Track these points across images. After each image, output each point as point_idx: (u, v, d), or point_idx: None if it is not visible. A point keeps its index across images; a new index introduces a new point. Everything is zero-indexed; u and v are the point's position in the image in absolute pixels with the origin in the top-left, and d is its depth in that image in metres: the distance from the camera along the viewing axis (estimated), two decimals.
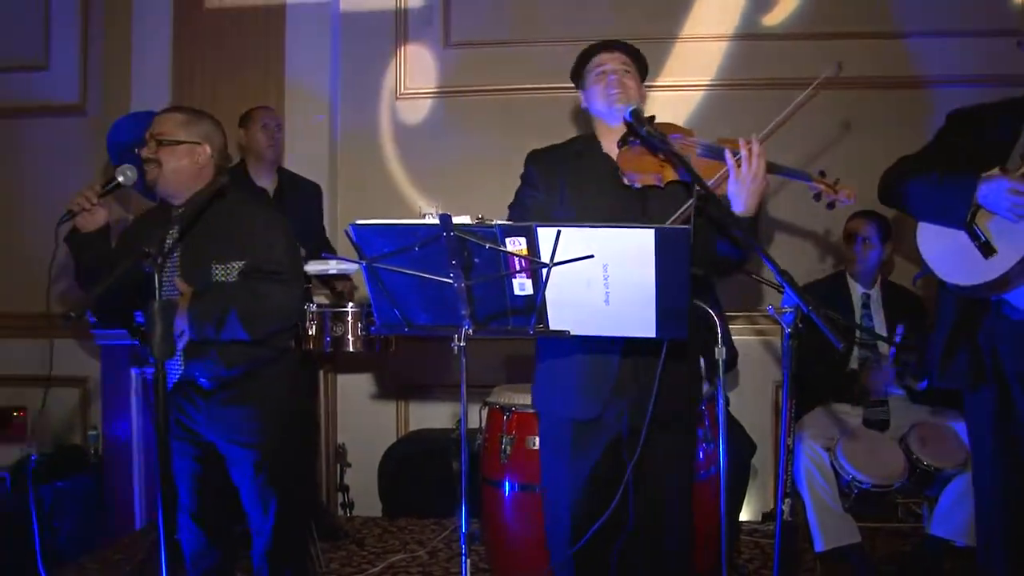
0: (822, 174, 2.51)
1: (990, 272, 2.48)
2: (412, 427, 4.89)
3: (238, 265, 2.65)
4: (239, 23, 4.83)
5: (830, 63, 2.42)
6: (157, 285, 2.17)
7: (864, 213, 3.82)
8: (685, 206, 2.40)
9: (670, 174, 2.46)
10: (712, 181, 2.39)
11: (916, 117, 4.49)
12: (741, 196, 2.33)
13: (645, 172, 2.46)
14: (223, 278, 2.65)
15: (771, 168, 2.39)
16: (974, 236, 2.52)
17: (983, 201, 2.48)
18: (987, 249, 2.49)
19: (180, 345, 2.55)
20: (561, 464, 2.57)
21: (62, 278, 3.72)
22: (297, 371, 3.03)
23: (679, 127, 2.59)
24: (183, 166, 2.69)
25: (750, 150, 2.31)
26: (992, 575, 2.68)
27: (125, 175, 2.65)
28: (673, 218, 2.40)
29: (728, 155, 2.35)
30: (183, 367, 2.65)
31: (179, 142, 2.69)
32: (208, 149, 2.73)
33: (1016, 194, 2.39)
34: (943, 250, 2.61)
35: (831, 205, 2.52)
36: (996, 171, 2.47)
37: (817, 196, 2.51)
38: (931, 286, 2.97)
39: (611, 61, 2.59)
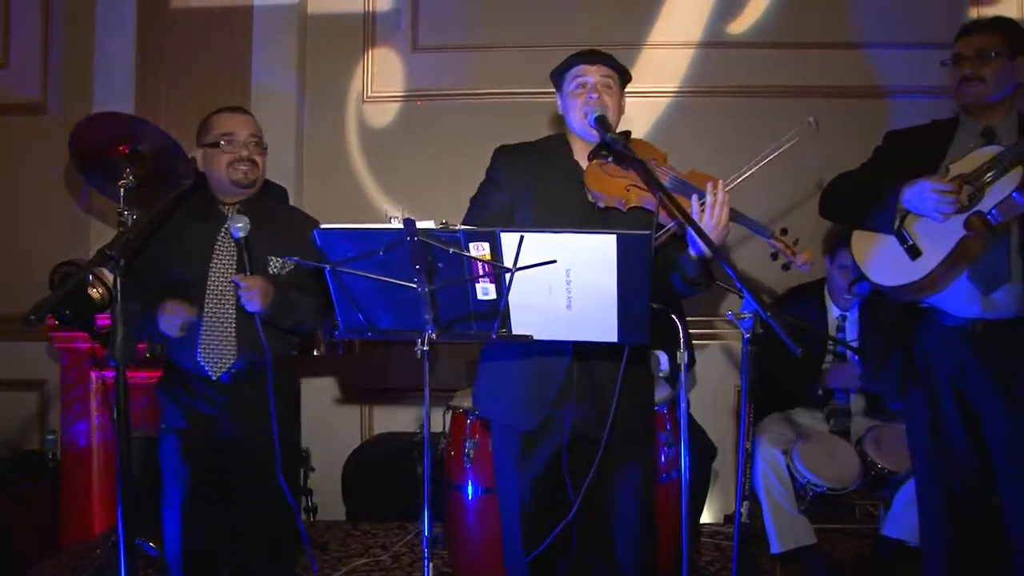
0: (784, 232, 2.43)
1: (917, 273, 2.62)
2: (376, 431, 4.87)
3: (292, 263, 2.80)
4: (205, 23, 4.79)
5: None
6: (119, 287, 2.16)
7: (843, 241, 3.77)
8: (663, 231, 2.38)
9: (634, 199, 2.41)
10: (676, 220, 2.36)
11: (876, 127, 4.57)
12: (701, 240, 2.23)
13: (610, 194, 2.42)
14: (277, 272, 2.83)
15: (734, 216, 2.33)
16: (902, 240, 2.66)
17: (908, 205, 2.62)
18: (914, 252, 2.64)
19: (257, 312, 2.68)
20: (510, 471, 2.58)
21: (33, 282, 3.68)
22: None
23: (654, 149, 2.55)
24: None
25: (716, 198, 2.27)
26: (935, 571, 2.77)
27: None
28: (658, 236, 2.38)
29: (695, 200, 2.30)
30: (237, 356, 2.75)
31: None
32: None
33: (938, 192, 2.53)
34: (875, 255, 2.74)
35: (786, 267, 2.45)
36: (921, 178, 2.61)
37: (774, 255, 2.43)
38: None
39: (592, 74, 2.52)
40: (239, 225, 2.67)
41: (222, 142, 2.80)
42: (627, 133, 2.55)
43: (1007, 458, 2.63)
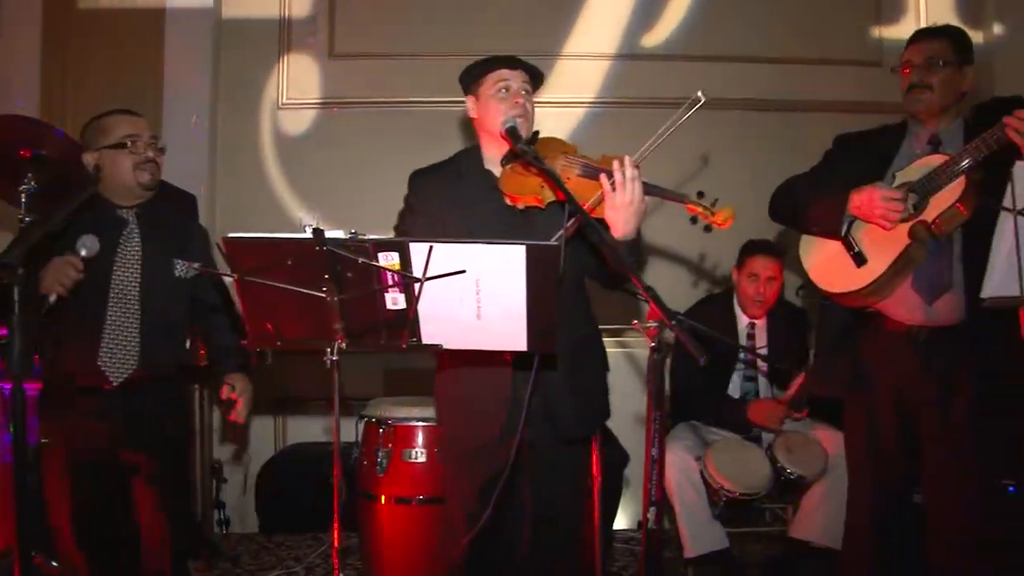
0: (700, 195, 2.39)
1: (862, 280, 2.68)
2: (290, 441, 4.80)
3: (196, 267, 2.81)
4: (115, 25, 4.68)
5: (702, 86, 2.37)
6: (17, 298, 2.10)
7: (763, 249, 3.81)
8: (564, 227, 2.33)
9: (550, 195, 2.40)
10: (590, 202, 2.32)
11: (787, 139, 4.72)
12: (618, 221, 2.26)
13: (525, 195, 2.43)
14: (183, 274, 2.85)
15: (648, 190, 2.28)
16: (849, 246, 2.72)
17: (856, 212, 2.68)
18: (859, 258, 2.70)
19: None
20: (458, 478, 2.59)
21: None
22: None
23: (563, 143, 2.55)
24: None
25: (624, 175, 2.23)
26: (859, 567, 2.85)
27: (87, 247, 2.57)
28: (555, 237, 2.31)
29: (604, 180, 2.26)
30: (138, 363, 2.72)
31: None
32: None
33: (887, 200, 2.59)
34: (822, 261, 2.81)
35: (708, 228, 2.45)
36: (870, 186, 2.67)
37: (694, 219, 2.44)
38: (813, 297, 3.15)
39: (514, 80, 2.53)
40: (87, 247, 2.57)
41: (128, 143, 2.74)
42: (535, 134, 2.57)
43: (938, 459, 2.68)
